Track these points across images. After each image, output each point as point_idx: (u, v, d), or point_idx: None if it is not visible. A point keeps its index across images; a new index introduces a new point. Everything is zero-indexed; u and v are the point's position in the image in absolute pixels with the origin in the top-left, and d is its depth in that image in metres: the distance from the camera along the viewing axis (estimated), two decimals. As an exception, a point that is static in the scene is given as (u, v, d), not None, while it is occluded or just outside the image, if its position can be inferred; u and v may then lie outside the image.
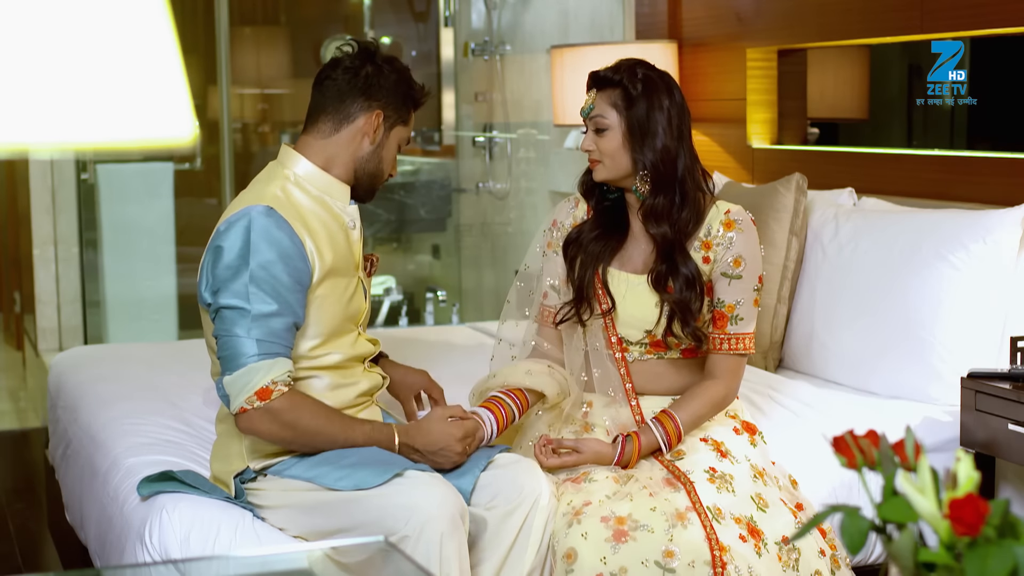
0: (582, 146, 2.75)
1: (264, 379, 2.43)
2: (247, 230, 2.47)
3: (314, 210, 2.58)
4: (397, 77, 2.64)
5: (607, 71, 2.73)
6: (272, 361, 2.44)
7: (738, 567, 2.46)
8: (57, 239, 5.61)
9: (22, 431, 5.84)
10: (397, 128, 2.66)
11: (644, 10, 4.98)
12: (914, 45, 4.03)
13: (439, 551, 2.35)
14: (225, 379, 2.46)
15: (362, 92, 2.61)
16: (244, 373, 2.44)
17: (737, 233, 2.72)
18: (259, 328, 2.44)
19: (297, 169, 2.61)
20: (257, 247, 2.46)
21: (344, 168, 2.63)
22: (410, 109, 2.68)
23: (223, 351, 2.47)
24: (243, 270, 2.45)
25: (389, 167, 2.68)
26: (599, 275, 2.77)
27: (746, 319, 2.73)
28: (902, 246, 3.34)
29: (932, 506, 1.39)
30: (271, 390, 2.44)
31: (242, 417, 2.46)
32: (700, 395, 2.71)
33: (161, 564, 2.49)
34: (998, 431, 2.83)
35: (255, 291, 2.44)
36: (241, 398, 2.44)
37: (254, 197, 2.54)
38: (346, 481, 2.46)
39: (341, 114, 2.62)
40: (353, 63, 2.63)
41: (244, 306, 2.45)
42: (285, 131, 6.80)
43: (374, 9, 6.80)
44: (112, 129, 2.17)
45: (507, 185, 6.12)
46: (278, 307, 2.46)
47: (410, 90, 2.67)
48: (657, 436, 2.67)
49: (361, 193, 2.68)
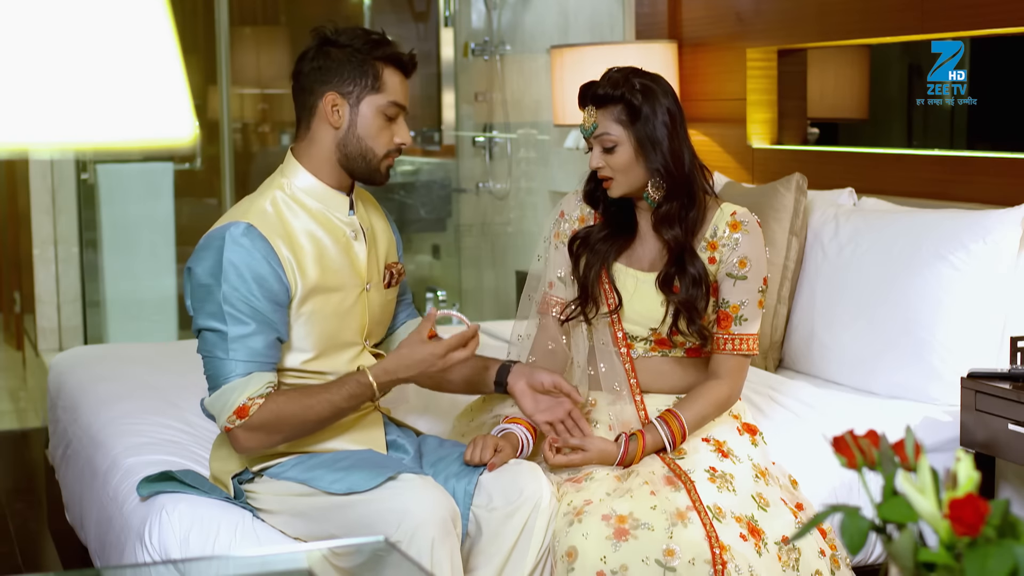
0: (591, 164, 2.72)
1: (240, 398, 2.43)
2: (220, 251, 2.44)
3: (307, 227, 2.54)
4: (348, 50, 2.53)
5: (605, 88, 2.69)
6: (247, 378, 2.44)
7: (738, 566, 2.46)
8: (57, 239, 5.61)
9: (22, 431, 5.84)
10: (368, 98, 2.53)
11: (644, 10, 4.98)
12: (914, 45, 4.03)
13: (430, 556, 2.35)
14: (206, 401, 2.48)
15: (314, 82, 2.55)
16: (221, 394, 2.44)
17: (743, 234, 2.72)
18: (238, 349, 2.43)
19: (296, 181, 2.57)
20: (227, 272, 2.43)
21: (331, 166, 2.57)
22: (376, 73, 2.53)
23: (206, 371, 2.49)
24: (216, 291, 2.43)
25: (378, 141, 2.55)
26: (605, 272, 2.77)
27: (750, 320, 2.73)
28: (902, 246, 3.34)
29: (932, 506, 1.39)
30: (248, 407, 2.43)
31: (230, 437, 2.48)
32: (704, 395, 2.71)
33: (161, 564, 2.49)
34: (998, 431, 2.83)
35: (230, 311, 2.43)
36: (223, 418, 2.45)
37: (240, 212, 2.52)
38: (340, 484, 2.46)
39: (307, 110, 2.58)
40: (305, 57, 2.58)
41: (221, 328, 2.44)
42: (285, 131, 6.80)
43: (374, 9, 6.80)
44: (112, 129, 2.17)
45: (507, 185, 6.12)
46: (256, 326, 2.44)
47: (369, 53, 2.53)
48: (662, 435, 2.67)
49: (363, 176, 2.59)
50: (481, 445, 2.57)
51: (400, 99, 2.57)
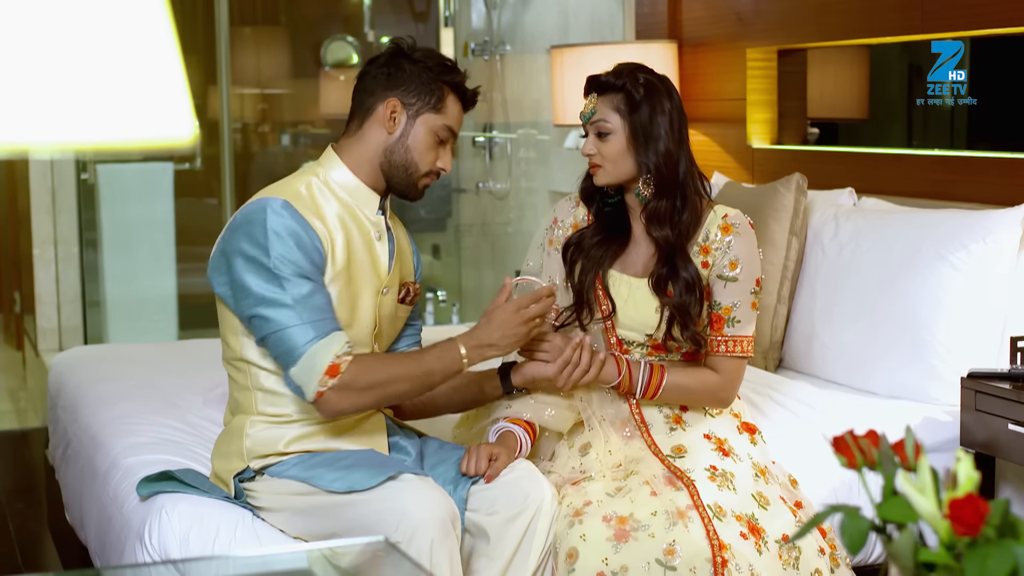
0: (583, 150, 2.74)
1: (328, 357, 2.43)
2: (263, 223, 2.47)
3: (338, 213, 2.58)
4: (420, 66, 2.61)
5: (608, 76, 2.72)
6: (328, 338, 2.44)
7: (739, 565, 2.46)
8: (57, 239, 5.61)
9: (22, 431, 5.84)
10: (426, 115, 2.61)
11: (644, 10, 4.98)
12: (914, 45, 4.03)
13: (429, 556, 2.35)
14: (291, 372, 2.46)
15: (380, 85, 2.62)
16: (307, 359, 2.43)
17: (735, 236, 2.72)
18: (304, 311, 2.44)
19: (332, 173, 2.61)
20: (272, 239, 2.46)
21: (371, 166, 2.61)
22: (440, 95, 2.61)
23: (276, 349, 2.47)
24: (265, 260, 2.45)
25: (424, 159, 2.62)
26: (600, 278, 2.77)
27: (743, 322, 2.72)
28: (902, 246, 3.34)
29: (932, 506, 1.39)
30: (338, 364, 2.44)
31: (321, 402, 2.46)
32: (696, 373, 2.72)
33: (161, 564, 2.49)
34: (998, 431, 2.83)
35: (286, 275, 2.45)
36: (314, 383, 2.43)
37: (276, 190, 2.56)
38: (340, 483, 2.46)
39: (364, 110, 2.63)
40: (376, 61, 2.65)
41: (280, 298, 2.44)
42: (285, 131, 6.80)
43: (374, 9, 6.80)
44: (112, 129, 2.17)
45: (507, 185, 6.12)
46: (313, 284, 2.47)
47: (439, 75, 2.62)
48: (639, 381, 2.69)
49: (400, 186, 2.63)
50: (476, 456, 2.56)
51: (455, 126, 2.65)
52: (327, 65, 6.70)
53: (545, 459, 2.77)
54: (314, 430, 2.58)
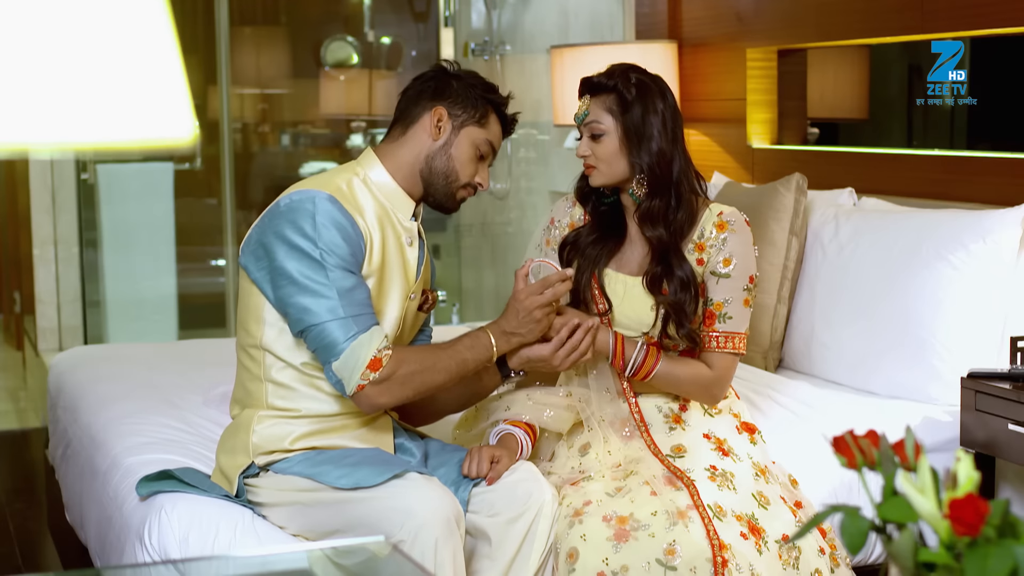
0: (578, 152, 2.75)
1: (370, 352, 2.46)
2: (311, 214, 2.49)
3: (376, 213, 2.60)
4: (467, 82, 2.68)
5: (600, 77, 2.73)
6: (369, 333, 2.47)
7: (739, 565, 2.46)
8: (57, 239, 5.61)
9: (22, 431, 5.84)
10: (469, 128, 2.65)
11: (644, 10, 4.98)
12: (914, 45, 4.03)
13: (434, 556, 2.35)
14: (334, 366, 2.47)
15: (428, 95, 2.66)
16: (350, 354, 2.45)
17: (730, 234, 2.72)
18: (348, 305, 2.46)
19: (371, 173, 2.64)
20: (321, 230, 2.48)
21: (411, 171, 2.64)
22: (484, 112, 2.67)
23: (316, 343, 2.48)
24: (312, 250, 2.47)
25: (465, 169, 2.65)
26: (596, 277, 2.77)
27: (736, 318, 2.72)
28: (902, 246, 3.34)
29: (932, 506, 1.39)
30: (380, 359, 2.46)
31: (361, 396, 2.48)
32: (689, 366, 2.73)
33: (161, 564, 2.49)
34: (998, 431, 2.83)
35: (333, 265, 2.47)
36: (356, 377, 2.46)
37: (319, 184, 2.57)
38: (346, 479, 2.46)
39: (409, 118, 2.67)
40: (423, 77, 2.70)
41: (323, 289, 2.46)
42: (285, 131, 6.80)
43: (374, 9, 6.80)
44: (112, 129, 2.17)
45: (507, 185, 6.12)
46: (357, 279, 2.50)
47: (484, 93, 2.69)
48: (632, 358, 2.70)
49: (437, 197, 2.66)
50: (477, 458, 2.57)
51: (496, 143, 2.72)
52: (327, 65, 6.71)
53: (545, 459, 2.77)
54: (322, 428, 2.58)
